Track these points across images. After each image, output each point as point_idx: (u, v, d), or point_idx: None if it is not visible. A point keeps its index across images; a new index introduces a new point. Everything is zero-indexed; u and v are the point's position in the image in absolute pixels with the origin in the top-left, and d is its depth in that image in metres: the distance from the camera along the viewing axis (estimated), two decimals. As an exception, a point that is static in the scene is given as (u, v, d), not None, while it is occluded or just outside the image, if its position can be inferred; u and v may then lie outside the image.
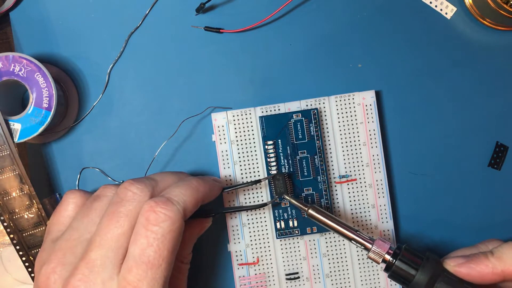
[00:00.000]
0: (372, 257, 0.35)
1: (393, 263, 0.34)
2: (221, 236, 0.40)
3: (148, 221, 0.31)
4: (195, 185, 0.34)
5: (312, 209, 0.36)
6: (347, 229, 0.35)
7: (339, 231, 0.36)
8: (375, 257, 0.35)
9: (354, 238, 0.35)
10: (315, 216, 0.36)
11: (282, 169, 0.39)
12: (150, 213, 0.31)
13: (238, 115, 0.39)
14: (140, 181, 0.33)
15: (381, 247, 0.35)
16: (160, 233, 0.30)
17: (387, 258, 0.35)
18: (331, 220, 0.36)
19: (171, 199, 0.32)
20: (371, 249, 0.35)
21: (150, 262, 0.30)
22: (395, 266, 0.34)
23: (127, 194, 0.32)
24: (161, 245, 0.30)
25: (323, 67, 0.41)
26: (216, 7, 0.41)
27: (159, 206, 0.31)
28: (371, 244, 0.35)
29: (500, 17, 0.39)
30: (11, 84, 0.38)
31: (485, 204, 0.41)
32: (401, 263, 0.34)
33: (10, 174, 0.37)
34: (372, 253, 0.35)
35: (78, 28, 0.41)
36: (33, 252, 0.38)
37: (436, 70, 0.41)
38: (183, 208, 0.32)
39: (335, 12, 0.41)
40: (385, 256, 0.35)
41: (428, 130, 0.41)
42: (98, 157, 0.41)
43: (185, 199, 0.33)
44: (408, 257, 0.34)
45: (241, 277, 0.39)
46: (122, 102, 0.41)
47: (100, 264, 0.30)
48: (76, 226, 0.33)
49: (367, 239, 0.35)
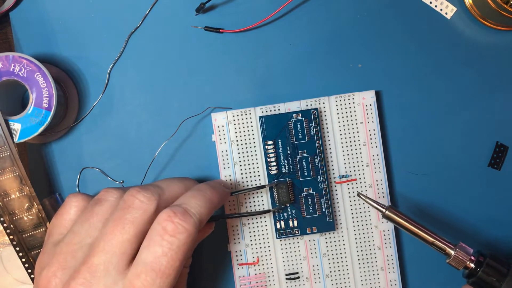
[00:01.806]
0: (452, 264, 0.33)
1: (476, 272, 0.33)
2: (221, 236, 0.40)
3: (165, 231, 0.31)
4: (209, 196, 0.34)
5: (389, 211, 0.35)
6: (427, 232, 0.34)
7: (418, 234, 0.34)
8: (456, 265, 0.33)
9: (434, 243, 0.34)
10: (393, 218, 0.35)
11: (282, 169, 0.39)
12: (168, 223, 0.31)
13: (238, 115, 0.39)
14: (147, 189, 0.33)
15: (464, 254, 0.33)
16: (176, 244, 0.30)
17: (470, 266, 0.33)
18: (409, 222, 0.34)
19: (188, 211, 0.32)
20: (453, 256, 0.33)
21: (161, 271, 0.30)
22: (479, 275, 0.33)
23: (134, 202, 0.32)
24: (174, 256, 0.30)
25: (323, 67, 0.41)
26: (216, 7, 0.41)
27: (177, 217, 0.31)
28: (453, 249, 0.33)
29: (500, 17, 0.39)
30: (11, 84, 0.38)
31: (485, 204, 0.41)
32: (486, 273, 0.33)
33: (10, 175, 0.37)
34: (453, 260, 0.33)
35: (78, 28, 0.41)
36: (33, 253, 0.38)
37: (436, 70, 0.41)
38: (199, 220, 0.32)
39: (335, 12, 0.41)
40: (468, 263, 0.33)
41: (428, 130, 0.41)
42: (98, 157, 0.41)
43: (201, 211, 0.33)
44: (493, 267, 0.33)
45: (241, 277, 0.39)
46: (122, 102, 0.41)
47: (103, 269, 0.30)
48: (77, 230, 0.32)
49: (448, 244, 0.33)
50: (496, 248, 0.41)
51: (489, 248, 0.41)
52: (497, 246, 0.41)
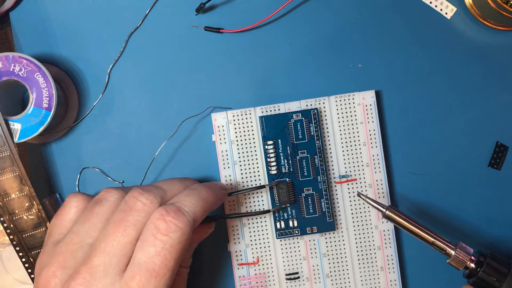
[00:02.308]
0: (453, 264, 0.33)
1: (477, 272, 0.33)
2: (221, 236, 0.40)
3: (158, 230, 0.30)
4: (204, 195, 0.34)
5: (389, 211, 0.35)
6: (427, 232, 0.34)
7: (418, 234, 0.34)
8: (456, 265, 0.33)
9: (434, 243, 0.34)
10: (393, 218, 0.35)
11: (282, 169, 0.39)
12: (160, 221, 0.31)
13: (238, 115, 0.39)
14: (149, 191, 0.33)
15: (465, 254, 0.33)
16: (169, 243, 0.30)
17: (470, 266, 0.33)
18: (409, 222, 0.34)
19: (181, 209, 0.32)
20: (453, 256, 0.33)
21: (155, 271, 0.30)
22: (479, 276, 0.33)
23: (136, 204, 0.32)
24: (168, 255, 0.30)
25: (323, 67, 0.41)
26: (216, 7, 0.41)
27: (170, 216, 0.31)
28: (453, 249, 0.33)
29: (500, 17, 0.39)
30: (11, 84, 0.38)
31: (485, 204, 0.41)
32: (486, 273, 0.32)
33: (10, 175, 0.37)
34: (454, 260, 0.33)
35: (78, 28, 0.41)
36: (33, 253, 0.38)
37: (436, 70, 0.41)
38: (193, 218, 0.32)
39: (335, 12, 0.41)
40: (468, 264, 0.33)
41: (428, 130, 0.41)
42: (98, 157, 0.41)
43: (195, 209, 0.32)
44: (493, 267, 0.33)
45: (241, 277, 0.39)
46: (122, 102, 0.41)
47: (102, 270, 0.30)
48: (77, 230, 0.32)
49: (448, 244, 0.33)
50: (496, 248, 0.41)
51: (489, 248, 0.41)
52: (497, 246, 0.41)
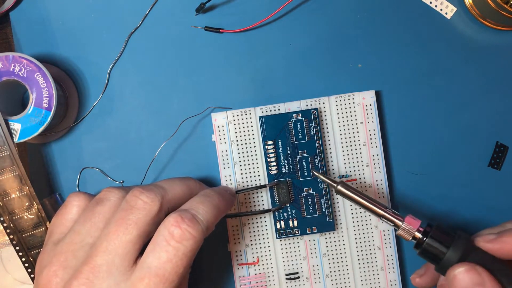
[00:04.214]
0: (401, 234, 0.34)
1: (423, 240, 0.34)
2: (221, 236, 0.40)
3: (172, 236, 0.30)
4: (217, 203, 0.34)
5: (341, 185, 0.35)
6: (377, 206, 0.35)
7: (369, 207, 0.35)
8: (405, 235, 0.34)
9: (383, 215, 0.34)
10: (345, 192, 0.35)
11: (282, 169, 0.39)
12: (175, 228, 0.31)
13: (238, 115, 0.39)
14: (150, 190, 0.33)
15: (412, 224, 0.34)
16: (182, 251, 0.30)
17: (417, 235, 0.34)
18: (360, 197, 0.35)
19: (196, 217, 0.32)
20: (401, 226, 0.34)
21: (165, 277, 0.30)
22: (425, 244, 0.33)
23: (137, 203, 0.32)
24: (179, 263, 0.30)
25: (323, 67, 0.41)
26: (216, 7, 0.41)
27: (185, 223, 0.31)
28: (401, 221, 0.34)
29: (500, 17, 0.39)
30: (11, 84, 0.38)
31: (485, 204, 0.41)
32: (432, 241, 0.33)
33: (10, 175, 0.37)
34: (402, 230, 0.34)
35: (78, 28, 0.41)
36: (33, 253, 0.38)
37: (436, 70, 0.41)
38: (206, 227, 0.32)
39: (335, 12, 0.41)
40: (416, 233, 0.34)
41: (428, 130, 0.41)
42: (98, 157, 0.41)
43: (208, 217, 0.33)
44: (439, 235, 0.33)
45: (241, 277, 0.39)
46: (122, 102, 0.41)
47: (105, 269, 0.30)
48: (79, 229, 0.32)
49: (397, 216, 0.34)
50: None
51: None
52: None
